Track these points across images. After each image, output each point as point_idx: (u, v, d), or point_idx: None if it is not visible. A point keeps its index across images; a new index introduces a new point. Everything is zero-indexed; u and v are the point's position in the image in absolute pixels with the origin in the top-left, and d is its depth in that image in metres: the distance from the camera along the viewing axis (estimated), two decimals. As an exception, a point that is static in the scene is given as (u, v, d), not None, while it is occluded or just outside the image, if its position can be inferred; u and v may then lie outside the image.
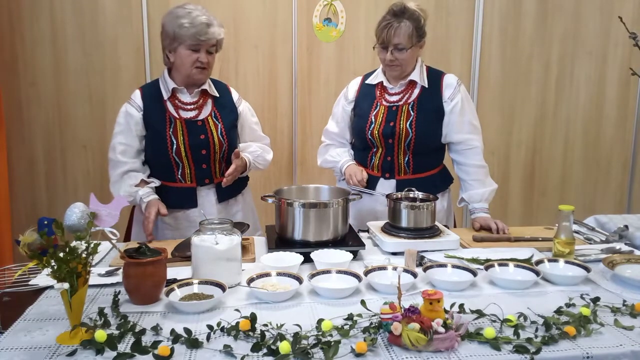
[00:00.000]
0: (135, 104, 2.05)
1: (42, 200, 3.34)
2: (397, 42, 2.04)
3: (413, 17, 2.04)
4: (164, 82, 2.07)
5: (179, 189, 2.08)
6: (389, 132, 2.13)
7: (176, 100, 2.07)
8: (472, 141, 2.18)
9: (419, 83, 2.15)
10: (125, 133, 2.05)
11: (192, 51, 1.98)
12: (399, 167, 2.19)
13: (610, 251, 1.80)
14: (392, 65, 2.10)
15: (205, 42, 1.97)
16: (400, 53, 2.06)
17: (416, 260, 1.64)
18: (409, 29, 2.03)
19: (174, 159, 2.04)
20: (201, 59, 1.98)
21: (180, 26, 1.95)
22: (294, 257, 1.65)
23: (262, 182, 3.51)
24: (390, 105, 2.16)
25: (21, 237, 1.22)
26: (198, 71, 2.01)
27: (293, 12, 3.35)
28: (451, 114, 2.15)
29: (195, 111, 2.08)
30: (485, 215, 2.12)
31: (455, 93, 2.15)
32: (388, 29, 2.04)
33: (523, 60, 3.59)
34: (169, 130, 2.03)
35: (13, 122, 3.22)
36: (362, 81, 2.26)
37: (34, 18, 3.17)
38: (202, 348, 1.17)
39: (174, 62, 2.03)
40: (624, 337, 1.24)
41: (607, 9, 3.56)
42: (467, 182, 2.21)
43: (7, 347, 1.17)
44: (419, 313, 1.19)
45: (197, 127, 2.05)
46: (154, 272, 1.39)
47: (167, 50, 2.04)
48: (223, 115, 2.12)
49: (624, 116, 3.73)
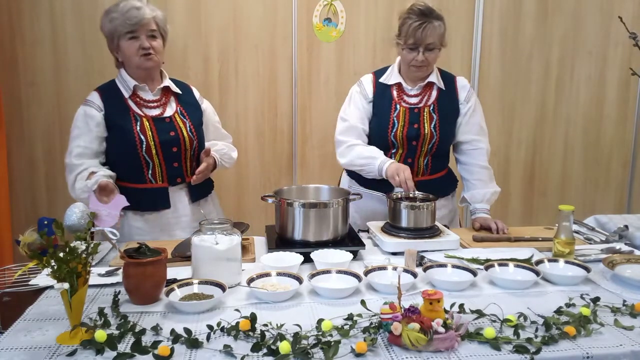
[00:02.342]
0: (95, 105, 1.98)
1: (42, 200, 3.34)
2: (431, 41, 2.02)
3: (440, 17, 2.04)
4: (122, 81, 2.02)
5: (151, 189, 2.01)
6: (414, 135, 2.13)
7: (137, 98, 2.01)
8: (479, 142, 2.19)
9: (436, 85, 2.16)
10: (84, 136, 1.97)
11: (131, 40, 1.93)
12: (418, 169, 2.19)
13: (610, 251, 1.80)
14: (421, 66, 2.07)
15: (138, 25, 1.91)
16: (430, 53, 2.05)
17: (416, 260, 1.64)
18: (441, 28, 2.03)
19: (144, 158, 1.97)
20: (143, 45, 1.92)
21: (112, 20, 1.93)
22: (294, 257, 1.65)
23: (262, 182, 3.51)
24: (411, 107, 2.15)
25: (21, 237, 1.22)
26: (144, 58, 1.94)
27: (293, 12, 3.35)
28: (465, 115, 2.18)
29: (160, 109, 2.03)
30: (485, 216, 2.12)
31: (470, 95, 2.19)
32: (423, 29, 1.99)
33: (523, 60, 3.59)
34: (135, 128, 1.96)
35: (13, 122, 3.22)
36: (376, 80, 2.21)
37: (34, 18, 3.16)
38: (202, 348, 1.17)
39: (122, 60, 1.99)
40: (624, 337, 1.24)
41: (607, 9, 3.56)
42: (470, 182, 2.21)
43: (7, 347, 1.17)
44: (419, 313, 1.19)
45: (165, 124, 2.01)
46: (154, 272, 1.39)
47: (114, 52, 2.01)
48: (189, 112, 2.09)
49: (624, 116, 3.73)
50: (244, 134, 3.43)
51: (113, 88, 2.03)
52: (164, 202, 2.03)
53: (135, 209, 2.00)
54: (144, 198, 2.00)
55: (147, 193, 2.01)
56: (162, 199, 2.03)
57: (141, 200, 1.99)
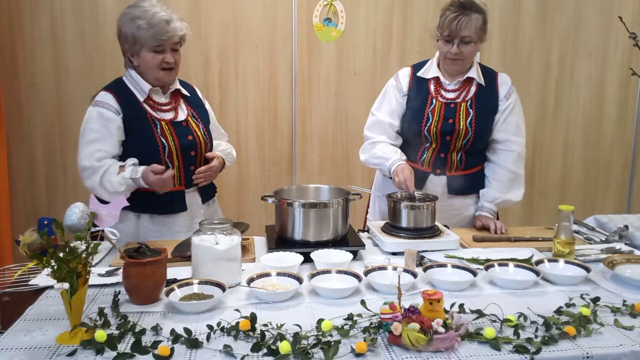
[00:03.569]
0: (112, 107, 1.90)
1: (42, 200, 3.34)
2: (466, 34, 1.99)
3: (480, 10, 2.01)
4: (134, 83, 1.95)
5: (169, 193, 1.95)
6: (448, 130, 2.09)
7: (151, 102, 1.96)
8: (512, 144, 2.13)
9: (475, 80, 2.12)
10: (106, 139, 1.89)
11: (155, 53, 1.88)
12: (452, 164, 2.15)
13: (610, 251, 1.80)
14: (455, 59, 2.05)
15: (168, 42, 1.87)
16: (466, 46, 2.01)
17: (416, 260, 1.64)
18: (479, 21, 2.00)
19: (166, 163, 1.94)
20: (167, 59, 1.89)
21: (139, 28, 1.85)
22: (294, 257, 1.65)
23: (262, 182, 3.51)
24: (448, 102, 2.12)
25: (21, 237, 1.22)
26: (165, 73, 1.92)
27: (293, 12, 3.35)
28: (503, 113, 2.13)
29: (172, 112, 2.00)
30: (487, 215, 2.12)
31: (510, 92, 2.14)
32: (458, 20, 1.97)
33: (523, 60, 3.59)
34: (156, 132, 1.92)
35: (13, 122, 3.22)
36: (413, 74, 2.18)
37: (34, 18, 3.16)
38: (202, 348, 1.17)
39: (139, 65, 1.92)
40: (624, 337, 1.24)
41: (607, 9, 3.56)
42: (488, 179, 2.18)
43: (7, 347, 1.17)
44: (419, 313, 1.19)
45: (182, 128, 1.99)
46: (154, 272, 1.39)
47: (128, 54, 1.93)
48: (199, 114, 2.08)
49: (624, 116, 3.73)
50: (244, 134, 3.44)
51: (126, 90, 1.95)
52: (181, 205, 2.01)
53: (152, 212, 1.98)
54: (163, 201, 1.97)
55: (165, 196, 1.96)
56: (179, 202, 2.01)
57: (159, 203, 1.96)
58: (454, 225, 2.14)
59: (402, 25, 3.45)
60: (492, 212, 2.14)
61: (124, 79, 1.98)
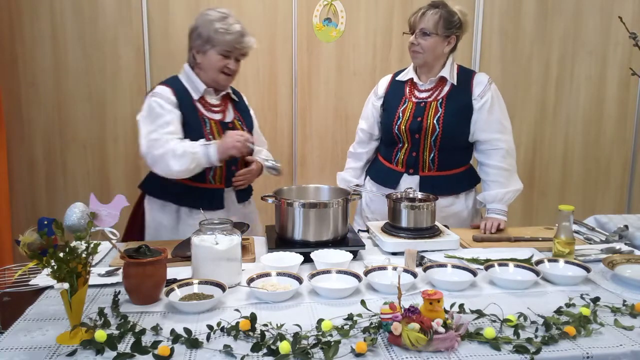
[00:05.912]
0: (172, 101, 1.97)
1: (42, 200, 3.34)
2: (423, 26, 2.07)
3: (445, 9, 2.08)
4: (190, 82, 2.04)
5: (210, 190, 2.05)
6: (416, 127, 2.13)
7: (203, 101, 2.05)
8: (498, 142, 2.15)
9: (449, 80, 2.15)
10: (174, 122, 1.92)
11: (222, 57, 1.98)
12: (424, 163, 2.17)
13: (610, 251, 1.80)
14: (414, 51, 2.12)
15: (238, 51, 2.00)
16: (423, 38, 2.08)
17: (416, 260, 1.64)
18: (437, 16, 2.07)
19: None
20: (230, 65, 2.00)
21: (216, 31, 1.96)
22: (294, 257, 1.65)
23: (262, 182, 3.48)
24: (419, 101, 2.17)
25: (21, 237, 1.22)
26: (224, 77, 2.02)
27: (293, 12, 3.35)
28: (480, 112, 2.14)
29: (221, 114, 2.08)
30: (494, 216, 2.11)
31: (485, 91, 2.14)
32: (417, 14, 2.10)
33: (523, 60, 3.59)
34: (205, 130, 2.00)
35: (13, 122, 3.22)
36: (393, 78, 2.30)
37: (34, 18, 3.16)
38: (202, 348, 1.17)
39: (201, 63, 2.01)
40: (624, 337, 1.24)
41: (607, 9, 3.56)
42: (485, 183, 2.21)
43: (7, 347, 1.17)
44: (419, 313, 1.19)
45: (228, 129, 2.04)
46: (154, 272, 1.39)
47: (195, 50, 2.02)
48: (245, 118, 2.16)
49: (624, 116, 3.73)
50: (244, 134, 3.43)
51: (182, 87, 2.03)
52: (219, 202, 2.07)
53: (192, 207, 2.04)
54: (202, 197, 2.03)
55: (206, 193, 2.05)
56: (218, 200, 2.07)
57: (199, 199, 2.02)
58: None
59: (402, 25, 3.44)
60: (500, 212, 2.14)
61: (180, 76, 2.07)
